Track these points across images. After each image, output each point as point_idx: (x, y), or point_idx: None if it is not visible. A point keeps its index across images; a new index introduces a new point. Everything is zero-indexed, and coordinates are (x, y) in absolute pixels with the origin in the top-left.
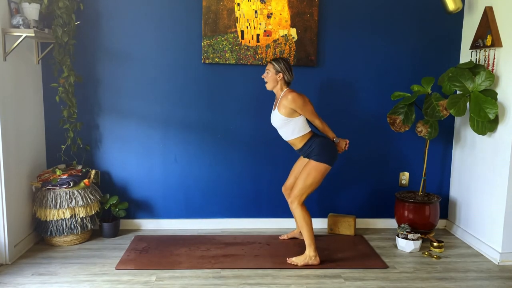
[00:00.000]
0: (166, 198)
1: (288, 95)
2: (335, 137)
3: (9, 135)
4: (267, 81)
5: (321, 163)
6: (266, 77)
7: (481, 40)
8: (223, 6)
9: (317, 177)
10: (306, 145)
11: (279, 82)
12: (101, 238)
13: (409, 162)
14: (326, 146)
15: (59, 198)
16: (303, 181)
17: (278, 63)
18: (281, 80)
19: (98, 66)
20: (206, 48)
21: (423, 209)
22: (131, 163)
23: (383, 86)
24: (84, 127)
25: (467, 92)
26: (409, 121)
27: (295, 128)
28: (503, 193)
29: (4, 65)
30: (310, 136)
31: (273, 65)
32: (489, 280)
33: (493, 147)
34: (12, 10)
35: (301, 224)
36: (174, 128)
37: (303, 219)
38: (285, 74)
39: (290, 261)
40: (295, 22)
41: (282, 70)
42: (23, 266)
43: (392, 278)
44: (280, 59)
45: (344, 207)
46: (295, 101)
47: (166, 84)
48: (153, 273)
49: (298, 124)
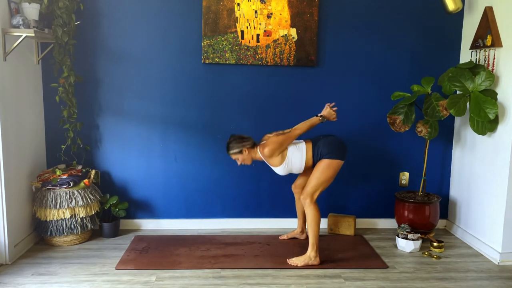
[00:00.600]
0: (166, 198)
1: (264, 153)
2: (319, 117)
3: (9, 135)
4: (248, 162)
5: (334, 160)
6: (243, 162)
7: (481, 40)
8: (223, 6)
9: (330, 174)
10: (314, 154)
11: (251, 153)
12: (101, 238)
13: (409, 162)
14: (332, 143)
15: (59, 198)
16: (317, 179)
17: (233, 148)
18: (249, 151)
19: (98, 66)
20: (206, 48)
21: (423, 209)
22: (131, 163)
23: (383, 86)
24: (84, 127)
25: (467, 92)
26: (409, 121)
27: (297, 156)
28: (503, 193)
29: (4, 65)
30: (311, 144)
31: (234, 153)
32: (489, 280)
33: (493, 147)
34: (12, 10)
35: (310, 221)
36: (174, 128)
37: (313, 217)
38: (246, 146)
39: (290, 261)
40: (295, 22)
41: (242, 147)
42: (23, 266)
43: (392, 278)
44: (229, 144)
45: (344, 207)
46: (271, 150)
47: (166, 84)
48: (153, 273)
49: (295, 153)
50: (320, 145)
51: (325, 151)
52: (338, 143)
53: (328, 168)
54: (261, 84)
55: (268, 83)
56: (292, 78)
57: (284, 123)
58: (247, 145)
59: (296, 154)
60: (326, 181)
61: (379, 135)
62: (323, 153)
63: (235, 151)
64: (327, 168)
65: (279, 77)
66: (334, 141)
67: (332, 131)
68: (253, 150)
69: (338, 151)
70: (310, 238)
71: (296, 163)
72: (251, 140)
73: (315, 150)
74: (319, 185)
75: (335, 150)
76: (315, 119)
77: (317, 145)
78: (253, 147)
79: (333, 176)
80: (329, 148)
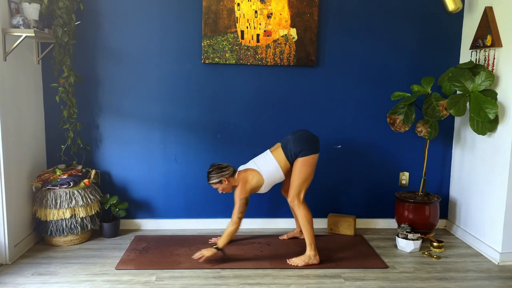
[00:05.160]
0: (166, 198)
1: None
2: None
3: (9, 135)
4: (229, 191)
5: (308, 156)
6: (225, 190)
7: (481, 40)
8: (223, 6)
9: (308, 171)
10: (287, 156)
11: (231, 182)
12: (101, 238)
13: (409, 162)
14: (301, 140)
15: (59, 198)
16: (297, 180)
17: (212, 178)
18: (229, 180)
19: (98, 66)
20: (206, 48)
21: (423, 209)
22: (131, 163)
23: (383, 86)
24: (84, 127)
25: (467, 92)
26: (409, 121)
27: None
28: (503, 193)
29: (4, 65)
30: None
31: (214, 183)
32: (489, 280)
33: (493, 147)
34: (12, 10)
35: (302, 222)
36: (174, 128)
37: (304, 217)
38: (225, 176)
39: (290, 262)
40: (295, 22)
41: (221, 177)
42: (23, 266)
43: (392, 278)
44: (209, 174)
45: (344, 207)
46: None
47: (166, 84)
48: (153, 273)
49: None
50: (290, 145)
51: (297, 150)
52: (306, 137)
53: (305, 166)
54: (261, 84)
55: (268, 83)
56: (292, 78)
57: (284, 123)
58: (226, 175)
59: (270, 169)
60: (307, 179)
61: (379, 135)
62: (295, 152)
63: (215, 181)
64: (304, 166)
65: (279, 77)
66: (302, 136)
67: (332, 130)
68: (233, 179)
69: (308, 146)
70: (306, 238)
71: (275, 176)
72: (230, 169)
73: (287, 152)
74: (301, 185)
75: (306, 146)
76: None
77: (287, 146)
78: (232, 175)
79: (312, 171)
80: (300, 145)
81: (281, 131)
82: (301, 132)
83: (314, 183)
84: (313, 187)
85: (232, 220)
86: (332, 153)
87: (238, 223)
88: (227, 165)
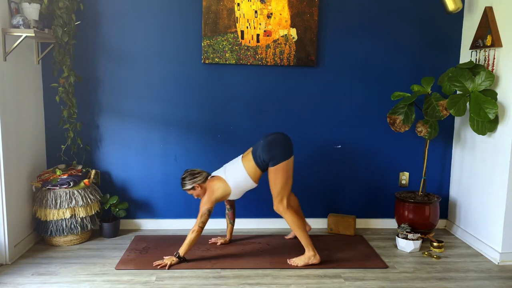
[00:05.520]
0: (166, 198)
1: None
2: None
3: (9, 135)
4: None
5: (279, 164)
6: (200, 196)
7: (481, 40)
8: (223, 6)
9: (284, 177)
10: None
11: (204, 188)
12: (101, 238)
13: (409, 162)
14: (270, 146)
15: (59, 198)
16: (276, 188)
17: (186, 185)
18: (202, 186)
19: (98, 66)
20: (206, 48)
21: (423, 209)
22: (131, 163)
23: (383, 86)
24: (84, 127)
25: (467, 92)
26: (409, 121)
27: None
28: (503, 193)
29: (4, 65)
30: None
31: (187, 189)
32: (489, 280)
33: (493, 147)
34: (12, 10)
35: (292, 227)
36: (174, 128)
37: (293, 223)
38: (197, 182)
39: (290, 262)
40: (295, 22)
41: (194, 183)
42: (23, 266)
43: (392, 278)
44: (183, 181)
45: (344, 207)
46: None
47: (166, 84)
48: (153, 273)
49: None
50: (260, 152)
51: (266, 158)
52: (276, 143)
53: (279, 174)
54: (261, 84)
55: (268, 83)
56: (292, 78)
57: (284, 123)
58: (198, 181)
59: (239, 179)
60: (284, 185)
61: (379, 135)
62: (265, 160)
63: (188, 188)
64: (278, 174)
65: (279, 77)
66: (272, 142)
67: (332, 130)
68: (205, 185)
69: (279, 152)
70: (302, 241)
71: (244, 185)
72: (202, 175)
73: (257, 159)
74: (281, 192)
75: (276, 152)
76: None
77: (257, 152)
78: (205, 181)
79: (288, 176)
80: (269, 153)
81: (281, 131)
82: (272, 136)
83: (314, 183)
84: (313, 187)
85: (193, 228)
86: (332, 153)
87: (199, 231)
88: (200, 170)
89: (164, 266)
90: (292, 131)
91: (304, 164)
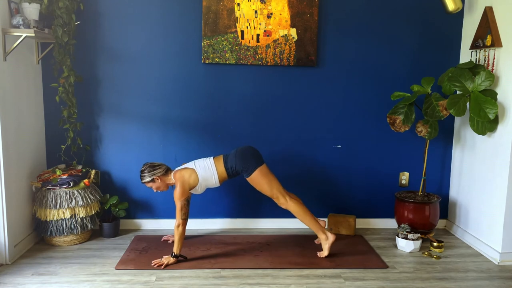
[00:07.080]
0: (166, 198)
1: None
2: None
3: (9, 135)
4: (163, 189)
5: (254, 172)
6: (159, 189)
7: (481, 40)
8: (223, 6)
9: (265, 180)
10: (226, 168)
11: (164, 181)
12: (101, 238)
13: (409, 162)
14: (242, 158)
15: (59, 198)
16: (265, 191)
17: (144, 177)
18: (162, 178)
19: (98, 66)
20: (206, 48)
21: (423, 209)
22: (131, 163)
23: (383, 86)
24: (84, 127)
25: (467, 92)
26: (409, 121)
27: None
28: (503, 193)
29: (4, 65)
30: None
31: (146, 182)
32: (489, 280)
33: (493, 147)
34: (12, 10)
35: (298, 216)
36: (174, 128)
37: (297, 213)
38: (158, 174)
39: (320, 254)
40: (295, 22)
41: (153, 175)
42: (23, 266)
43: (392, 278)
44: (142, 174)
45: (344, 207)
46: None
47: (166, 84)
48: (153, 273)
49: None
50: (231, 161)
51: (239, 167)
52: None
53: (260, 180)
54: (261, 84)
55: (268, 83)
56: (292, 78)
57: (284, 123)
58: (158, 174)
59: (208, 173)
60: (272, 186)
61: (379, 135)
62: (237, 169)
63: (147, 180)
64: (258, 181)
65: (279, 77)
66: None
67: (332, 130)
68: (166, 177)
69: (251, 162)
70: (311, 228)
71: (210, 180)
72: (162, 168)
73: (227, 166)
74: (272, 192)
75: (249, 164)
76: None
77: (228, 161)
78: (166, 174)
79: (270, 178)
80: (242, 163)
81: (281, 131)
82: (243, 148)
83: (314, 183)
84: (313, 187)
85: (176, 223)
86: (332, 153)
87: (184, 224)
88: (160, 163)
89: (161, 265)
90: (292, 130)
91: (304, 164)
